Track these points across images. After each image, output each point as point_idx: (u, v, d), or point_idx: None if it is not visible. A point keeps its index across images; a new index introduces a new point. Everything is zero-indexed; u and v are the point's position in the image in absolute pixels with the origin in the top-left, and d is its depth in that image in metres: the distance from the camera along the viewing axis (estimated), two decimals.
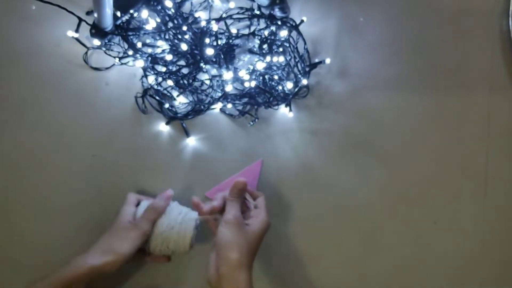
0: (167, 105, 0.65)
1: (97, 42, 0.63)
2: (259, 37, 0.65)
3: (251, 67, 0.65)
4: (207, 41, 0.62)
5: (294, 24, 0.65)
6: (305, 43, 0.66)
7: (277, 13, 0.64)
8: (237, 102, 0.65)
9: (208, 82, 0.65)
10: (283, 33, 0.64)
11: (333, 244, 0.66)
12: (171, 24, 0.64)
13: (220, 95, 0.64)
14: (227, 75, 0.62)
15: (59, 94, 0.66)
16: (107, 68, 0.66)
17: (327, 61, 0.66)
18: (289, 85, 0.65)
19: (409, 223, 0.67)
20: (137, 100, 0.66)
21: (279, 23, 0.65)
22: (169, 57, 0.64)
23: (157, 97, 0.65)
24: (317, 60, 0.67)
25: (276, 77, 0.65)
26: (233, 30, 0.65)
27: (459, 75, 0.69)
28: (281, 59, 0.64)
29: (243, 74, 0.63)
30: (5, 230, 0.63)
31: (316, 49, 0.68)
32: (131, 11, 0.62)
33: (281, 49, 0.66)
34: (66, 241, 0.63)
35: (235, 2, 0.66)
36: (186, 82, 0.65)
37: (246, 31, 0.66)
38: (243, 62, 0.66)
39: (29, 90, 0.66)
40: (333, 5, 0.69)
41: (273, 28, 0.65)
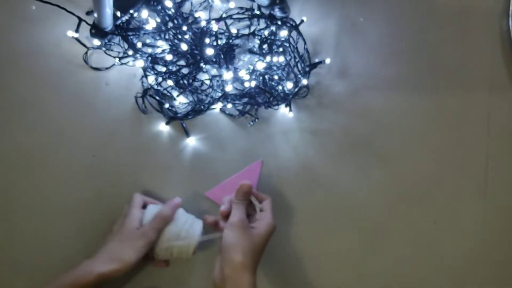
0: (167, 105, 0.65)
1: (97, 42, 0.63)
2: (259, 37, 0.65)
3: (251, 67, 0.65)
4: (207, 41, 0.62)
5: (294, 24, 0.65)
6: (305, 43, 0.66)
7: (277, 13, 0.64)
8: (237, 102, 0.65)
9: (208, 82, 0.65)
10: (283, 33, 0.64)
11: (333, 244, 0.66)
12: (171, 24, 0.64)
13: (220, 95, 0.64)
14: (227, 75, 0.62)
15: (59, 94, 0.66)
16: (107, 68, 0.66)
17: (327, 61, 0.66)
18: (289, 85, 0.65)
19: (409, 223, 0.67)
20: (137, 100, 0.66)
21: (279, 23, 0.65)
22: (169, 57, 0.64)
23: (157, 97, 0.65)
24: (317, 60, 0.67)
25: (276, 77, 0.65)
26: (233, 30, 0.65)
27: (459, 75, 0.69)
28: (281, 59, 0.64)
29: (243, 74, 0.63)
30: (5, 230, 0.63)
31: (316, 49, 0.68)
32: (131, 11, 0.62)
33: (281, 49, 0.66)
34: (66, 241, 0.63)
35: (235, 2, 0.66)
36: (186, 82, 0.65)
37: (246, 31, 0.66)
38: (243, 62, 0.66)
39: (29, 90, 0.66)
40: (333, 5, 0.69)
41: (273, 28, 0.65)
